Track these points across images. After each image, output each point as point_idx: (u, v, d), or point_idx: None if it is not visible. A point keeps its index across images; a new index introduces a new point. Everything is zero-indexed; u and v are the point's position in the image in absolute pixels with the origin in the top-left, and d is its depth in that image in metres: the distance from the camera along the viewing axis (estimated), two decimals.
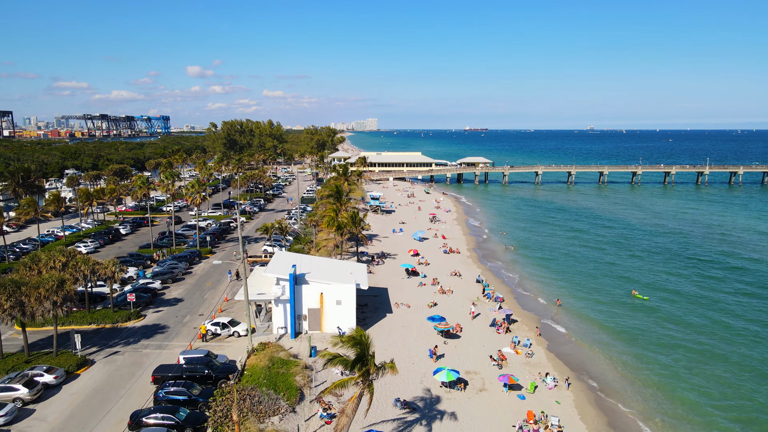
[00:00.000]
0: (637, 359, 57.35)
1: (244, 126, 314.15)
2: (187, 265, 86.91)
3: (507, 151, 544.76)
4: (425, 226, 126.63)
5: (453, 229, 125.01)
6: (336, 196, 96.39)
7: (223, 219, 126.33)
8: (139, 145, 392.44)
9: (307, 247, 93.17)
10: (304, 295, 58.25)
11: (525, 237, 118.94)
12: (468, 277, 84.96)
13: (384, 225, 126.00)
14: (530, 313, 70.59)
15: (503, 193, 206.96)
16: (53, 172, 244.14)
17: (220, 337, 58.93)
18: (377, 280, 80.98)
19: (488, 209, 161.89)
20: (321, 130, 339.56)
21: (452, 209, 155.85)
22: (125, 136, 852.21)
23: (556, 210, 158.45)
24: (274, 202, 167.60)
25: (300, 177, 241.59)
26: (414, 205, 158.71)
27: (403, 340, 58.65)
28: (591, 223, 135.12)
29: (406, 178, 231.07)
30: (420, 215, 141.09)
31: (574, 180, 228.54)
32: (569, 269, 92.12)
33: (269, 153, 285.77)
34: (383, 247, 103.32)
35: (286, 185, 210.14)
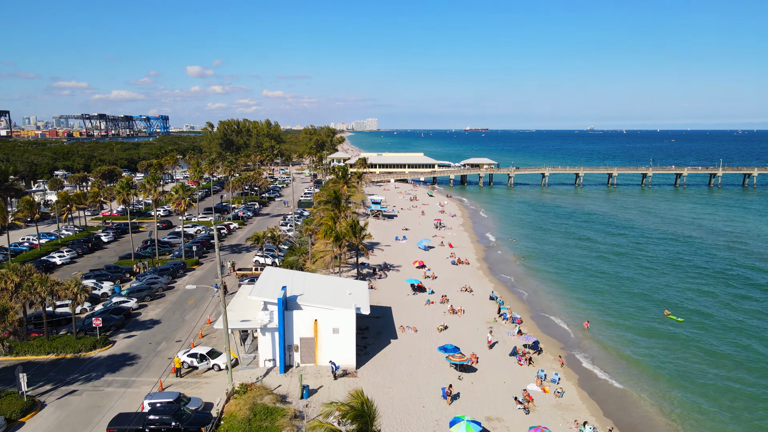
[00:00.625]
0: (683, 401, 48.97)
1: (241, 126, 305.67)
2: (169, 279, 78.55)
3: (509, 151, 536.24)
4: (430, 232, 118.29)
5: (460, 236, 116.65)
6: (334, 203, 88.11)
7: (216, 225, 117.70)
8: (134, 146, 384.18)
9: (302, 259, 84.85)
10: (296, 322, 49.92)
11: (536, 246, 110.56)
12: (480, 293, 76.60)
13: (386, 232, 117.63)
14: (552, 339, 62.23)
15: (509, 195, 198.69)
16: (43, 173, 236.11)
17: (197, 371, 50.56)
18: (379, 297, 72.66)
19: (495, 213, 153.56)
20: (320, 130, 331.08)
21: (457, 213, 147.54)
22: (124, 136, 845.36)
23: (566, 215, 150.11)
24: (270, 205, 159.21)
25: (298, 178, 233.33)
26: (417, 209, 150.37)
27: (410, 375, 50.31)
28: (604, 231, 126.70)
29: (408, 180, 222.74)
30: (424, 220, 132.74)
31: (582, 182, 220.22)
32: (588, 284, 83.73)
33: (266, 154, 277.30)
34: (385, 257, 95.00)
35: (283, 187, 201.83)
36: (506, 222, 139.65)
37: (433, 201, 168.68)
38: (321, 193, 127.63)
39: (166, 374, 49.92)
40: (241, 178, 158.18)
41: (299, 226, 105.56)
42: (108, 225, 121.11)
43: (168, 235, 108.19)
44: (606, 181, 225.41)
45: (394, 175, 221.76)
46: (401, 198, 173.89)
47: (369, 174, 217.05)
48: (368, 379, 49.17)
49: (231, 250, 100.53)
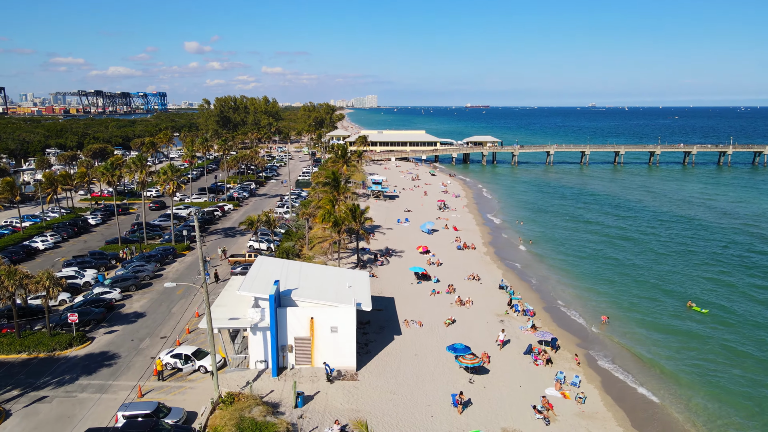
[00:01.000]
0: (716, 412, 44.42)
1: (238, 102, 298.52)
2: (157, 266, 73.66)
3: (510, 129, 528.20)
4: (433, 214, 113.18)
5: (465, 219, 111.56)
6: (333, 184, 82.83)
7: (208, 206, 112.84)
8: (130, 123, 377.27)
9: (299, 244, 79.87)
10: (290, 320, 45.11)
11: (543, 229, 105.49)
12: (488, 281, 71.78)
13: (387, 214, 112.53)
14: (567, 334, 57.49)
15: (513, 174, 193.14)
16: (35, 151, 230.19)
17: (181, 374, 45.89)
18: (381, 286, 67.88)
19: (500, 194, 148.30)
20: (319, 107, 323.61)
21: (461, 193, 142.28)
22: (121, 113, 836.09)
23: (573, 196, 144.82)
24: (267, 185, 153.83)
25: (296, 157, 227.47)
26: (419, 189, 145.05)
27: (416, 378, 45.65)
28: (612, 213, 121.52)
29: (410, 158, 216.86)
30: (427, 201, 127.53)
31: (588, 160, 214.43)
32: (600, 273, 78.80)
33: (264, 131, 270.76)
34: (387, 241, 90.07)
35: (281, 166, 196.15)
36: (511, 203, 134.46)
37: (435, 180, 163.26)
38: (319, 174, 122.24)
39: (148, 377, 45.28)
40: (237, 156, 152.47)
41: (296, 208, 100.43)
42: (98, 206, 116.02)
43: (159, 217, 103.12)
44: (612, 159, 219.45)
45: (395, 154, 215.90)
46: (402, 177, 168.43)
47: (369, 152, 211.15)
48: (370, 382, 44.55)
49: (225, 233, 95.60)
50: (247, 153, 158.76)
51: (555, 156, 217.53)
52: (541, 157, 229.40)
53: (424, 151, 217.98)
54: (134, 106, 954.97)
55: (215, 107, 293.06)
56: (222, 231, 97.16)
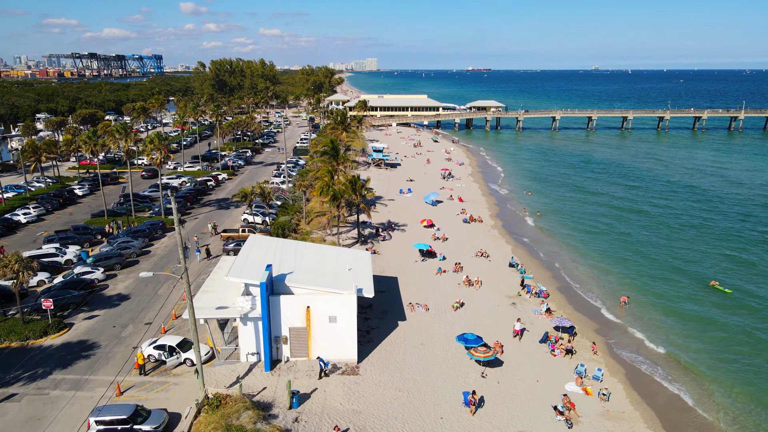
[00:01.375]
0: (748, 410, 40.58)
1: (234, 65, 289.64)
2: (144, 242, 69.22)
3: (513, 92, 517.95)
4: (437, 184, 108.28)
5: (470, 188, 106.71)
6: (332, 154, 77.64)
7: (201, 175, 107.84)
8: (124, 86, 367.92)
9: (296, 218, 75.25)
10: (284, 309, 40.81)
11: (551, 200, 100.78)
12: (498, 258, 67.43)
13: (389, 183, 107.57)
14: (584, 317, 53.36)
15: (518, 141, 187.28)
16: (25, 116, 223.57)
17: (165, 368, 41.88)
18: (384, 263, 63.58)
19: (505, 161, 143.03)
20: (318, 71, 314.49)
21: (465, 161, 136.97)
22: (116, 77, 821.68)
23: (581, 164, 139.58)
24: (264, 152, 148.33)
25: (294, 122, 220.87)
26: (422, 157, 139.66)
27: (424, 371, 41.64)
28: (622, 183, 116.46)
29: (411, 124, 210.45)
30: (430, 170, 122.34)
31: (595, 126, 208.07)
32: (613, 249, 74.32)
33: (261, 96, 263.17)
34: (389, 214, 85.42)
35: (278, 132, 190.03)
36: (517, 171, 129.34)
37: (438, 147, 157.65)
38: (318, 141, 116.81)
39: (128, 370, 41.26)
40: (232, 122, 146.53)
41: (293, 178, 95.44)
42: (89, 175, 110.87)
43: (149, 188, 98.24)
44: (620, 124, 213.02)
45: (396, 119, 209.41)
46: (404, 144, 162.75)
47: (369, 118, 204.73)
48: (372, 377, 40.55)
49: (218, 204, 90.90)
50: (242, 119, 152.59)
51: (560, 121, 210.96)
52: (546, 122, 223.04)
53: (426, 116, 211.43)
54: (130, 69, 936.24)
55: (211, 71, 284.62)
56: (215, 202, 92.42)
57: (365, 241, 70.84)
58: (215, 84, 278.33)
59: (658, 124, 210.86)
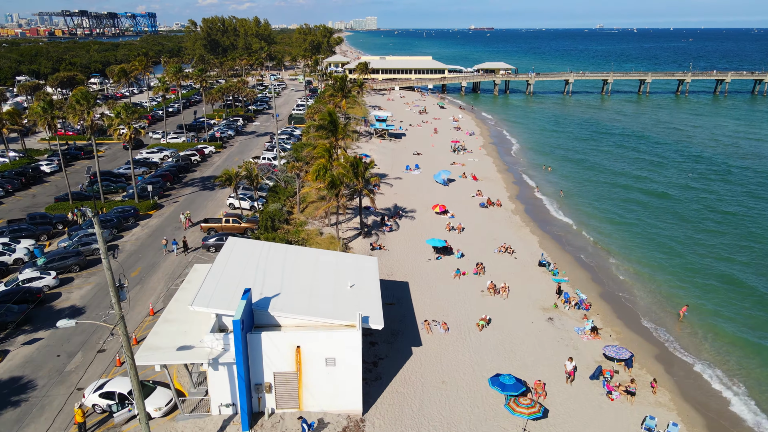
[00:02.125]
0: None
1: (226, 24, 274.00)
2: (112, 233, 59.35)
3: (517, 53, 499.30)
4: (447, 158, 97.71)
5: (483, 163, 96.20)
6: (330, 128, 66.97)
7: (186, 149, 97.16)
8: (113, 46, 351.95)
9: (289, 204, 65.14)
10: (267, 349, 31.19)
11: (574, 177, 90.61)
12: (524, 254, 57.65)
13: (394, 158, 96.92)
14: (637, 336, 43.87)
15: (529, 106, 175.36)
16: (6, 78, 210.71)
17: (112, 423, 32.47)
18: (391, 263, 53.88)
19: (518, 130, 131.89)
20: (315, 30, 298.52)
21: (475, 131, 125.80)
22: (109, 35, 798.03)
23: (601, 132, 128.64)
24: (257, 120, 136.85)
25: (291, 86, 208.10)
26: (428, 126, 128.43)
27: (448, 426, 32.31)
28: (652, 159, 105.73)
29: (415, 88, 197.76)
30: (438, 141, 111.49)
31: (611, 89, 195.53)
32: (656, 239, 64.61)
33: (255, 57, 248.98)
34: (395, 196, 75.23)
35: (274, 97, 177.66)
36: (532, 142, 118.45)
37: (445, 114, 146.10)
38: (315, 109, 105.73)
39: (66, 427, 31.90)
40: (222, 87, 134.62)
41: (287, 154, 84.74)
42: (67, 147, 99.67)
43: (125, 164, 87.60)
44: (636, 88, 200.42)
45: (399, 82, 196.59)
46: (408, 110, 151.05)
47: (370, 81, 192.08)
48: None
49: (203, 185, 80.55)
50: (233, 83, 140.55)
51: (573, 85, 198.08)
52: (557, 86, 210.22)
53: (431, 79, 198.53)
54: (123, 27, 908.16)
55: (202, 29, 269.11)
56: (199, 182, 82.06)
57: (369, 233, 60.98)
58: (207, 44, 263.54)
59: (677, 87, 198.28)
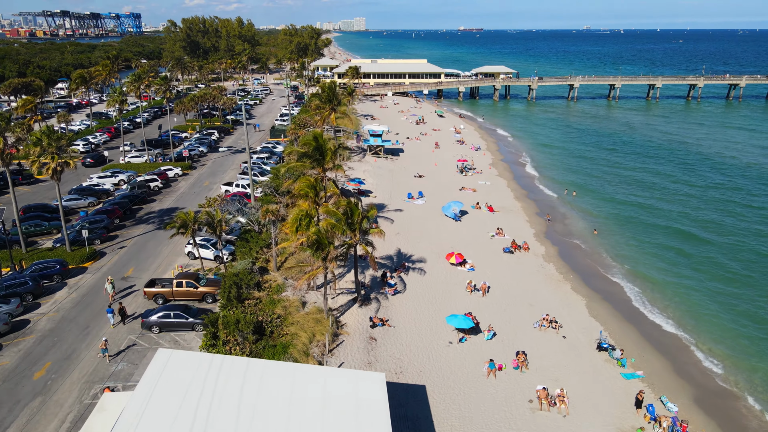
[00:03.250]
0: None
1: (207, 24, 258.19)
2: (20, 307, 44.26)
3: (509, 54, 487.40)
4: (454, 181, 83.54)
5: (497, 187, 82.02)
6: (316, 157, 52.35)
7: (147, 172, 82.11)
8: (89, 48, 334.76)
9: (263, 258, 50.33)
10: None
11: (602, 201, 77.03)
12: (574, 330, 43.35)
13: (392, 182, 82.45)
14: None
15: (533, 113, 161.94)
16: None
17: None
18: (401, 352, 39.44)
19: (526, 142, 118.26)
20: (302, 31, 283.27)
21: (481, 144, 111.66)
22: (92, 36, 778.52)
23: (620, 145, 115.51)
24: (235, 132, 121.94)
25: (276, 91, 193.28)
26: (428, 139, 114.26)
27: None
28: (682, 176, 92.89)
29: (409, 93, 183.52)
30: (441, 158, 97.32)
31: (618, 94, 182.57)
32: (727, 304, 50.87)
33: (238, 59, 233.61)
34: (398, 237, 60.74)
35: (257, 104, 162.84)
36: (546, 157, 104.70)
37: (444, 124, 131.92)
38: (298, 122, 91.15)
39: None
40: (196, 95, 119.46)
41: (264, 182, 69.70)
42: None
43: (71, 192, 72.05)
44: (645, 92, 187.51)
45: (391, 87, 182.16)
46: (404, 120, 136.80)
47: (361, 86, 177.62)
48: None
49: (160, 221, 65.52)
50: (207, 91, 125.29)
51: (579, 90, 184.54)
52: (560, 90, 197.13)
53: (427, 84, 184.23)
54: (107, 28, 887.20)
55: (181, 30, 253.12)
56: (157, 217, 66.96)
57: (367, 297, 46.47)
58: (187, 46, 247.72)
59: (688, 92, 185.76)
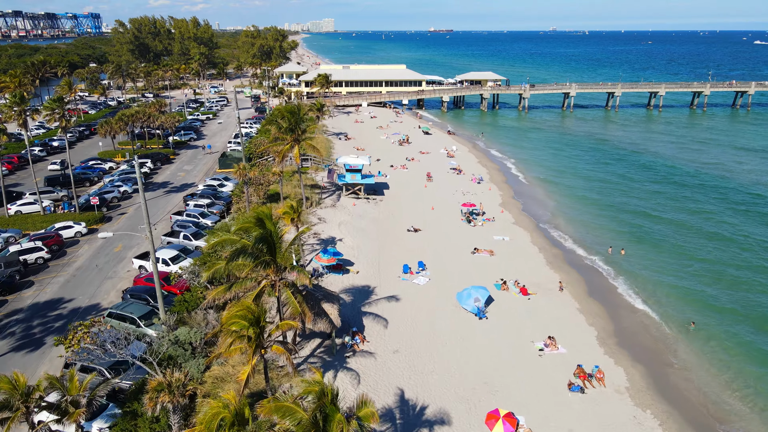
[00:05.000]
0: None
1: (159, 25, 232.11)
2: None
3: (481, 56, 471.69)
4: (460, 235, 61.92)
5: (521, 247, 60.48)
6: (259, 254, 30.31)
7: (31, 234, 58.56)
8: (31, 51, 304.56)
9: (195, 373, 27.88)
10: None
11: (667, 271, 56.36)
12: None
13: (379, 242, 60.16)
14: None
15: (527, 125, 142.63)
16: None
17: None
18: None
19: (533, 168, 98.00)
20: (266, 33, 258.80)
21: (482, 174, 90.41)
22: (47, 37, 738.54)
23: (637, 166, 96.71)
24: (178, 160, 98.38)
25: (235, 102, 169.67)
26: (417, 166, 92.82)
27: None
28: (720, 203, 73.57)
29: (387, 103, 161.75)
30: (437, 197, 75.78)
31: (618, 103, 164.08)
32: None
33: (193, 64, 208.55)
34: (395, 358, 38.70)
35: (209, 120, 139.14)
36: (566, 191, 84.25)
37: (433, 144, 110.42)
38: (257, 141, 68.61)
39: None
40: (124, 114, 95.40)
41: (191, 267, 46.49)
42: None
43: None
44: (646, 101, 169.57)
45: (366, 97, 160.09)
46: (384, 138, 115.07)
47: (332, 96, 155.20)
48: None
49: (25, 328, 42.37)
50: (141, 108, 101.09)
51: (575, 98, 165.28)
52: (553, 99, 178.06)
53: (406, 93, 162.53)
54: (64, 29, 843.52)
55: (129, 31, 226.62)
56: (22, 322, 43.68)
57: None
58: (135, 49, 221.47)
59: (692, 100, 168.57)
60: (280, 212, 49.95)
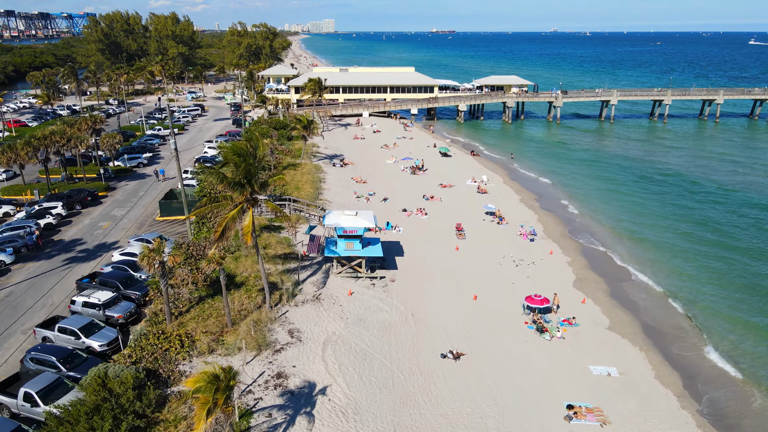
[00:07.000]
0: None
1: (132, 21, 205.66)
2: None
3: (486, 57, 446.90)
4: (532, 355, 35.55)
5: (645, 397, 34.44)
6: None
7: None
8: (4, 51, 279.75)
9: None
10: None
11: None
12: None
13: (393, 373, 33.74)
14: None
15: (562, 139, 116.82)
16: None
17: None
18: None
19: (599, 210, 71.61)
20: (255, 31, 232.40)
21: (532, 221, 64.19)
22: (40, 37, 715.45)
23: (715, 204, 70.06)
24: (112, 197, 71.95)
25: (215, 109, 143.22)
26: (438, 207, 66.53)
27: None
28: None
29: (392, 113, 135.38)
30: (478, 270, 49.36)
31: (667, 113, 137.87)
32: None
33: (170, 66, 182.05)
34: None
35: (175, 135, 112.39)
36: (661, 253, 57.97)
37: (456, 173, 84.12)
38: (206, 190, 42.32)
39: None
40: (37, 138, 69.10)
41: None
42: None
43: None
44: (699, 111, 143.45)
45: (368, 105, 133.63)
46: (391, 164, 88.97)
47: (326, 105, 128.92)
48: None
49: None
50: (59, 128, 74.32)
51: (615, 107, 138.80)
52: (588, 107, 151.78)
53: (416, 100, 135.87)
54: (59, 29, 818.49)
55: (99, 29, 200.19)
56: None
57: None
58: (106, 48, 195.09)
59: (752, 110, 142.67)
60: (192, 383, 23.47)
